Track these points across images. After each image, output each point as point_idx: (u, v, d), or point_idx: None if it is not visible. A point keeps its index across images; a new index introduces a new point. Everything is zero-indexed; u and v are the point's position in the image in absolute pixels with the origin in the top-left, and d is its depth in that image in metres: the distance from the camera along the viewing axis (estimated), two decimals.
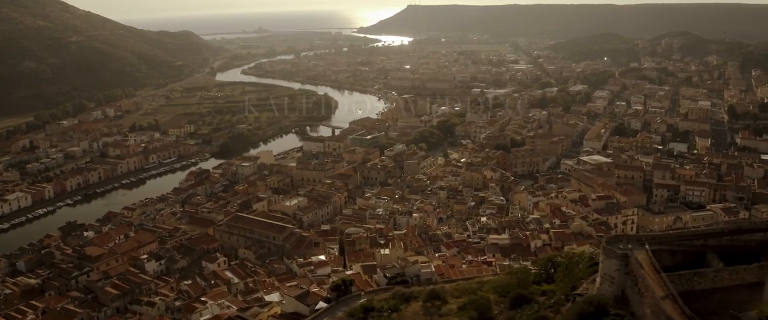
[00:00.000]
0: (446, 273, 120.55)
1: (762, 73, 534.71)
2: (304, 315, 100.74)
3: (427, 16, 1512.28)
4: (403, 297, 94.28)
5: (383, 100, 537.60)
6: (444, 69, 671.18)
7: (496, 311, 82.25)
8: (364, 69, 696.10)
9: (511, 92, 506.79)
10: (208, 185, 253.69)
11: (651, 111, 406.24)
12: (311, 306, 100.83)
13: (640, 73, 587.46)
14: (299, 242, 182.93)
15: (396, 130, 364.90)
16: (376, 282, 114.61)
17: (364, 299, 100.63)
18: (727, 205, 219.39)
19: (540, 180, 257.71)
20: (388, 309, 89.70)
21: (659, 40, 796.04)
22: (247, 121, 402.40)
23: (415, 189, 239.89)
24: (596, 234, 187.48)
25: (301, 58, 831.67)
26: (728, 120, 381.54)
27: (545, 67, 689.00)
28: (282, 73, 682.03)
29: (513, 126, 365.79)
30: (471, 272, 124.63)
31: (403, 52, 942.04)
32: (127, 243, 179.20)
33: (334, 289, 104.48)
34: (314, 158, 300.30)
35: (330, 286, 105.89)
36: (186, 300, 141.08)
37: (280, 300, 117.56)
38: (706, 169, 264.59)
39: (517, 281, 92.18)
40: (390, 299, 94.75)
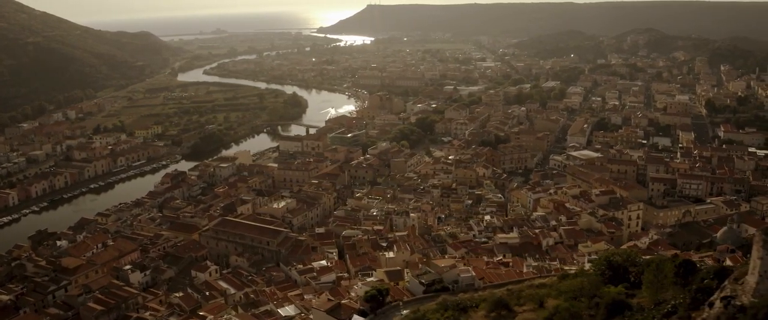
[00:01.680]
0: (488, 277, 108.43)
1: (731, 68, 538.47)
2: None
3: (388, 15, 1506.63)
4: (458, 307, 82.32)
5: (354, 98, 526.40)
6: (412, 67, 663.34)
7: None
8: (330, 68, 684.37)
9: (485, 89, 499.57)
10: (185, 188, 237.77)
11: (630, 106, 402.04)
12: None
13: (610, 69, 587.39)
14: (295, 247, 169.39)
15: (374, 127, 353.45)
16: (408, 289, 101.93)
17: (407, 310, 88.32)
18: (727, 198, 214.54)
19: (534, 176, 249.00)
20: None
21: (625, 36, 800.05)
22: (217, 121, 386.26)
23: (406, 188, 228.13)
24: (607, 231, 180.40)
25: (263, 57, 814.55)
26: (707, 114, 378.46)
27: (513, 64, 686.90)
28: (246, 73, 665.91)
29: (494, 122, 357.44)
30: (511, 275, 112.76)
31: (366, 51, 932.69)
32: (106, 253, 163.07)
33: (368, 300, 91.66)
34: (292, 158, 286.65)
35: (364, 297, 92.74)
36: (181, 315, 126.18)
37: (298, 313, 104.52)
38: (699, 163, 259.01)
39: (589, 284, 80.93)
40: (441, 310, 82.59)
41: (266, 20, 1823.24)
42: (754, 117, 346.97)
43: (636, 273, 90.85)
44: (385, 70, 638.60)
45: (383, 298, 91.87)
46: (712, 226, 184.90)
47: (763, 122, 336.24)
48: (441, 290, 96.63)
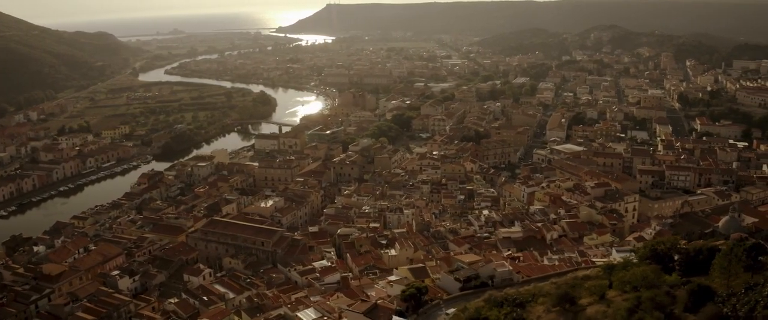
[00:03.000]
0: (524, 271, 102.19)
1: (697, 63, 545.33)
2: None
3: (347, 15, 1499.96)
4: (515, 303, 75.88)
5: (323, 96, 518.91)
6: (378, 65, 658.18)
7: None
8: (295, 66, 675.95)
9: (456, 86, 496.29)
10: (163, 188, 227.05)
11: (604, 100, 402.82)
12: None
13: (578, 65, 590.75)
14: (292, 247, 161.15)
15: (350, 124, 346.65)
16: (439, 287, 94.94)
17: (453, 309, 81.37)
18: (718, 189, 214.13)
19: (523, 170, 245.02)
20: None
21: (588, 33, 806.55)
22: (185, 120, 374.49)
23: (395, 185, 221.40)
24: (609, 223, 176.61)
25: (225, 57, 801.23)
26: (680, 107, 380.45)
27: (479, 61, 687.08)
28: (209, 72, 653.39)
29: (471, 118, 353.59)
30: (544, 269, 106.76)
31: (328, 49, 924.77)
32: (89, 258, 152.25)
33: (406, 299, 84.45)
34: (268, 156, 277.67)
35: (402, 296, 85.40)
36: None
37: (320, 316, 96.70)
38: (684, 155, 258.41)
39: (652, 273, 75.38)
40: (493, 306, 75.98)
41: (223, 21, 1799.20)
42: (727, 110, 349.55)
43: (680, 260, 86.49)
44: (351, 68, 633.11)
45: (422, 297, 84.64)
46: (711, 216, 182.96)
47: (738, 115, 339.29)
48: (480, 286, 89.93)
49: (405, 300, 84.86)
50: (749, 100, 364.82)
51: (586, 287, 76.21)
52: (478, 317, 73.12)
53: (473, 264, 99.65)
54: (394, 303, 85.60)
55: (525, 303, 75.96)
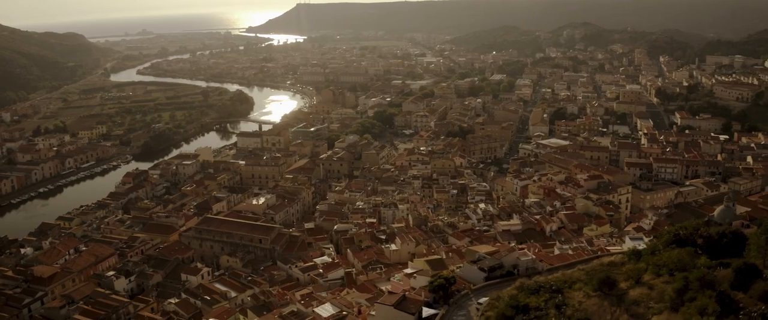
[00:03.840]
0: (546, 260, 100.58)
1: (670, 59, 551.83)
2: None
3: (318, 14, 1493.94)
4: (552, 289, 74.27)
5: (300, 94, 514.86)
6: (353, 63, 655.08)
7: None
8: (269, 65, 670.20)
9: (433, 83, 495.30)
10: (148, 188, 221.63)
11: (584, 96, 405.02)
12: (415, 315, 78.03)
13: (553, 62, 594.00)
14: (290, 244, 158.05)
15: (332, 121, 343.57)
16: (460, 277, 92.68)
17: (485, 298, 79.40)
18: (707, 180, 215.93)
19: (512, 164, 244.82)
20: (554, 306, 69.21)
21: (561, 31, 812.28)
22: (163, 120, 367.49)
23: (386, 180, 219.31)
24: (606, 214, 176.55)
25: (198, 56, 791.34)
26: (659, 102, 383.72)
27: (454, 59, 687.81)
28: (182, 72, 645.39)
29: (454, 114, 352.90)
30: (565, 258, 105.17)
31: (301, 49, 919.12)
32: (81, 259, 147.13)
33: (434, 290, 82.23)
34: (251, 154, 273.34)
35: (430, 287, 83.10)
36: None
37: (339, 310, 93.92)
38: (669, 148, 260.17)
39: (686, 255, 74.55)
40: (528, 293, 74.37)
41: (191, 22, 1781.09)
42: (706, 104, 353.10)
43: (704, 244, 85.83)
44: (326, 66, 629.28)
45: (450, 287, 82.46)
46: (703, 206, 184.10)
47: (716, 108, 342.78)
48: (506, 275, 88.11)
49: (433, 291, 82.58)
50: (726, 94, 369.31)
51: (623, 271, 74.76)
52: (517, 304, 71.22)
53: (492, 254, 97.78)
54: (422, 295, 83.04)
55: (561, 289, 74.30)
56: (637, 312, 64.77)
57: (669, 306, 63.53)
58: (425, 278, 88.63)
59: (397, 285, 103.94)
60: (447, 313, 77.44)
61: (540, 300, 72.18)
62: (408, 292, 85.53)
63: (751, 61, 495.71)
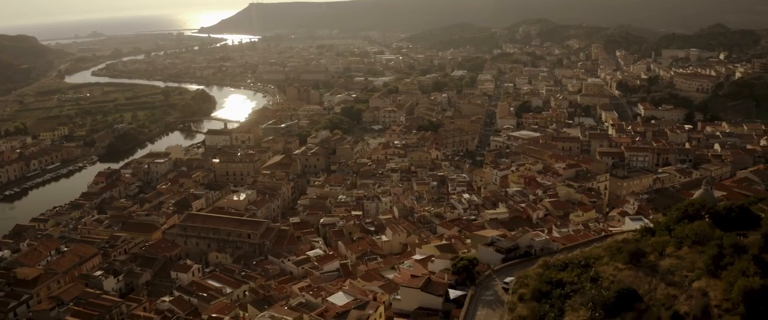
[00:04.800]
0: (559, 240, 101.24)
1: (627, 53, 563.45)
2: (435, 308, 77.34)
3: (271, 13, 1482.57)
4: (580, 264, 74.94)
5: (261, 93, 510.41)
6: (312, 62, 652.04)
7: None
8: (227, 65, 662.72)
9: (396, 79, 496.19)
10: (121, 187, 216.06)
11: (548, 90, 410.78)
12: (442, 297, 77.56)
13: (512, 58, 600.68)
14: (280, 238, 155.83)
15: (299, 118, 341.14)
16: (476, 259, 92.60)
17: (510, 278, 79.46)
18: (679, 167, 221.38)
19: (488, 156, 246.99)
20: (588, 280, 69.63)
21: (517, 27, 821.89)
22: (125, 120, 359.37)
23: (364, 174, 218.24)
24: (588, 201, 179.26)
25: (152, 57, 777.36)
26: (621, 94, 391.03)
27: (413, 56, 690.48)
28: (139, 73, 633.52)
29: (421, 109, 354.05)
30: (573, 239, 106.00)
31: (256, 48, 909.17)
32: (65, 260, 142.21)
33: (458, 272, 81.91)
34: (220, 152, 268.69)
35: (453, 269, 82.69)
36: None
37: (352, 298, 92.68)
38: (639, 138, 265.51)
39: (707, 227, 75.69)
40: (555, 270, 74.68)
41: (141, 23, 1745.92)
42: (667, 95, 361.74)
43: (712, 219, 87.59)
44: (285, 65, 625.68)
45: (474, 268, 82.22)
46: (681, 191, 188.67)
47: (678, 100, 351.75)
48: (524, 256, 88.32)
49: (456, 272, 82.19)
50: (687, 85, 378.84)
51: (648, 244, 75.35)
52: (550, 280, 71.28)
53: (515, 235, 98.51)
54: (445, 277, 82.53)
55: (590, 264, 74.72)
56: (673, 280, 65.14)
57: (705, 273, 64.24)
58: (443, 261, 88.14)
59: (406, 272, 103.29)
60: (476, 293, 76.94)
61: (572, 275, 72.59)
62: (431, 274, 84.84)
63: (706, 53, 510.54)
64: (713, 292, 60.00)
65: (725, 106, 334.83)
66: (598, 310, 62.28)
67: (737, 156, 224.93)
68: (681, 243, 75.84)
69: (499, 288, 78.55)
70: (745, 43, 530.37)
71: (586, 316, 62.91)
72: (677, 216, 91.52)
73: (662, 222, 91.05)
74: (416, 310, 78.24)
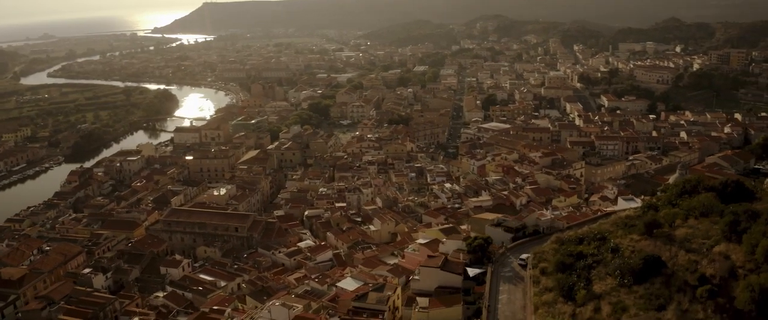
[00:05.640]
0: (563, 220, 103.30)
1: (584, 47, 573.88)
2: (455, 287, 78.48)
3: (225, 13, 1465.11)
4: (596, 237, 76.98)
5: (223, 91, 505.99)
6: (272, 60, 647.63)
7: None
8: (186, 63, 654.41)
9: (359, 75, 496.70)
10: (95, 186, 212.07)
11: (512, 83, 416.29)
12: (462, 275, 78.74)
13: (472, 53, 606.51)
14: (268, 231, 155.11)
15: (266, 114, 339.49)
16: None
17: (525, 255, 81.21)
18: (650, 154, 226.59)
19: (462, 147, 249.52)
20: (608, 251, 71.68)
21: (474, 23, 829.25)
22: (88, 120, 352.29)
23: (342, 167, 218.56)
24: (568, 187, 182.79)
25: (108, 58, 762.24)
26: (583, 86, 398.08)
27: (373, 53, 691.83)
28: (96, 73, 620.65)
29: (388, 103, 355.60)
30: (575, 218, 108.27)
31: (213, 47, 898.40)
32: (49, 259, 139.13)
33: (473, 251, 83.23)
34: (190, 149, 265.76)
35: (469, 248, 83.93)
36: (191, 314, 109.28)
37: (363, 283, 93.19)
38: (607, 128, 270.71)
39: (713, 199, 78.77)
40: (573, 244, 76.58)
41: (93, 25, 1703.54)
42: (629, 87, 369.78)
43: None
44: (245, 63, 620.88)
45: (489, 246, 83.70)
46: (655, 176, 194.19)
47: (640, 91, 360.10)
48: (533, 234, 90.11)
49: (472, 251, 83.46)
50: (647, 77, 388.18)
51: (661, 216, 77.69)
52: (571, 253, 73.03)
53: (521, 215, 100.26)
54: (461, 257, 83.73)
55: (605, 237, 76.78)
56: (692, 247, 67.68)
57: (722, 238, 66.80)
58: (454, 242, 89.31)
59: (411, 256, 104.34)
60: (495, 270, 78.27)
61: (590, 248, 74.44)
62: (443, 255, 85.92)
63: (663, 46, 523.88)
64: (735, 255, 62.64)
65: (686, 96, 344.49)
66: (626, 277, 64.18)
67: (704, 143, 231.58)
68: (687, 216, 78.86)
69: (515, 265, 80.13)
70: (700, 36, 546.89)
71: (614, 284, 64.78)
72: (677, 192, 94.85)
73: (663, 199, 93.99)
74: (437, 289, 79.13)
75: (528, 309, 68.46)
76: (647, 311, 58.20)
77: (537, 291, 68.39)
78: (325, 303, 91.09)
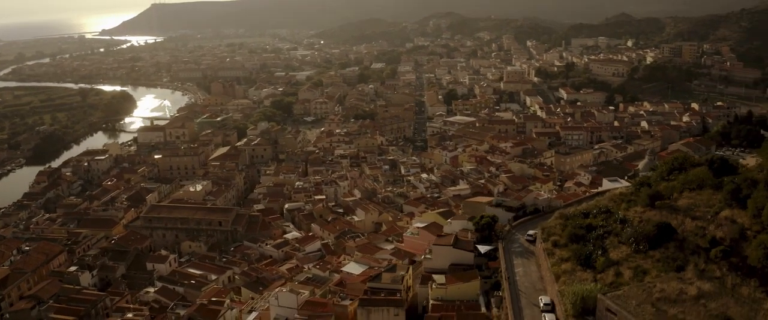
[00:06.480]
0: (559, 198, 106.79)
1: (538, 42, 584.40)
2: (467, 264, 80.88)
3: (174, 14, 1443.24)
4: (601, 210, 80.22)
5: (180, 91, 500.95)
6: (227, 59, 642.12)
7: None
8: (139, 64, 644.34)
9: (317, 73, 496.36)
10: (64, 186, 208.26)
11: (471, 79, 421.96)
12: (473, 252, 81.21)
13: (428, 50, 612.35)
14: (251, 224, 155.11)
15: (227, 112, 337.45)
16: None
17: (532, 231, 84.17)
18: (615, 142, 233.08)
19: (430, 140, 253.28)
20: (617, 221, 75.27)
21: (427, 21, 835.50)
22: (46, 122, 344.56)
23: (314, 162, 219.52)
24: (542, 175, 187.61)
25: (59, 60, 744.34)
26: (541, 80, 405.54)
27: (328, 51, 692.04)
28: (48, 76, 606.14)
29: (351, 99, 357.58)
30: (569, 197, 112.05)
31: (164, 48, 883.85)
32: (31, 259, 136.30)
33: (482, 229, 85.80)
34: (155, 148, 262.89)
35: (477, 226, 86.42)
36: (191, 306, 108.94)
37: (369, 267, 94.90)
38: (570, 119, 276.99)
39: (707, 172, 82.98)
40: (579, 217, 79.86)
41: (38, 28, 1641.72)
42: (586, 80, 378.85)
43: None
44: (200, 63, 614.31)
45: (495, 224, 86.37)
46: (624, 163, 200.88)
47: (597, 83, 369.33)
48: (533, 213, 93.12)
49: (479, 230, 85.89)
50: (603, 70, 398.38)
51: (661, 189, 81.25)
52: (581, 225, 76.08)
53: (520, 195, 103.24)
54: (469, 235, 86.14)
55: (610, 210, 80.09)
56: (696, 215, 71.46)
57: (725, 206, 70.71)
58: (460, 222, 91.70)
59: (410, 239, 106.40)
60: (505, 246, 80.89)
61: (598, 220, 77.62)
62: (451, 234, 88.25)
63: (614, 41, 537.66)
64: (740, 219, 66.47)
65: (641, 88, 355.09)
66: (641, 243, 67.43)
67: (665, 131, 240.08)
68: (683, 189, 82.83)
69: (523, 241, 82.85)
70: (651, 31, 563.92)
71: (629, 251, 67.97)
72: (667, 169, 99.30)
73: (654, 176, 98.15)
74: (450, 266, 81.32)
75: (546, 279, 71.26)
76: (668, 272, 61.42)
77: (553, 261, 71.14)
78: (332, 287, 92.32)
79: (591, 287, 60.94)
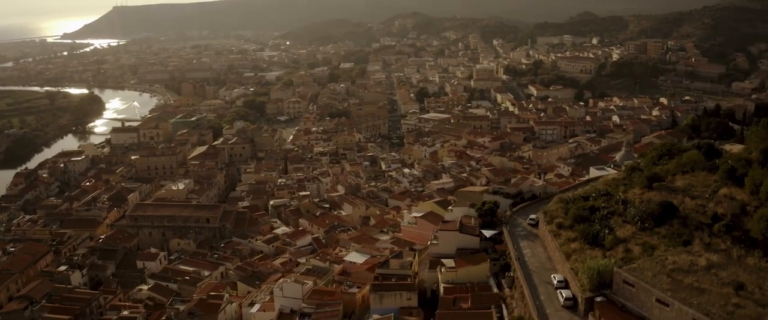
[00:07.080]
0: (554, 185, 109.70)
1: (504, 41, 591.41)
2: (473, 248, 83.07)
3: (137, 16, 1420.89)
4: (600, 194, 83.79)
5: (148, 92, 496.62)
6: (194, 61, 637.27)
7: None
8: (105, 67, 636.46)
9: (286, 73, 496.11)
10: (42, 187, 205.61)
11: (442, 77, 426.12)
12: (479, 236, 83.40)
13: (395, 49, 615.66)
14: (239, 220, 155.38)
15: (200, 112, 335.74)
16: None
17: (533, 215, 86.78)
18: (589, 136, 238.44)
19: (408, 137, 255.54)
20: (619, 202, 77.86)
21: (392, 21, 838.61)
22: (15, 125, 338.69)
23: (294, 159, 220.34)
24: (523, 168, 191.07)
25: (22, 64, 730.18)
26: (510, 78, 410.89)
27: (295, 52, 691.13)
28: (12, 79, 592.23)
29: (324, 98, 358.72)
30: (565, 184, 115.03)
31: (128, 51, 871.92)
32: (18, 259, 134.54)
33: (485, 214, 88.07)
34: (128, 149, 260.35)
35: (480, 212, 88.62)
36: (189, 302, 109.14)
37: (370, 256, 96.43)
38: (543, 115, 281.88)
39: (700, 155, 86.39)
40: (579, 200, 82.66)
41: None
42: (555, 77, 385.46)
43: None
44: (167, 64, 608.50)
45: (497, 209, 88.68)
46: (600, 155, 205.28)
47: (566, 80, 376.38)
48: (531, 198, 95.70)
49: (483, 215, 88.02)
50: (570, 67, 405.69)
51: (657, 171, 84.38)
52: (585, 207, 78.69)
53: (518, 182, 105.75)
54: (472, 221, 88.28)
55: (610, 193, 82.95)
56: (695, 194, 74.68)
57: (722, 184, 74.04)
58: (461, 209, 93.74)
59: (407, 229, 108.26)
60: (510, 229, 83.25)
61: (599, 202, 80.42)
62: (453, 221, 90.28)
63: (579, 39, 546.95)
64: (739, 196, 69.77)
65: (609, 84, 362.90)
66: (647, 221, 70.29)
67: (636, 125, 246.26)
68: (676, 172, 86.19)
69: (525, 225, 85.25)
70: (615, 29, 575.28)
71: (635, 229, 70.79)
72: (656, 155, 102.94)
73: (645, 161, 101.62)
74: (457, 251, 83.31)
75: (556, 258, 73.74)
76: (675, 247, 64.30)
77: (561, 242, 73.61)
78: (336, 276, 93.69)
79: (606, 262, 63.46)
